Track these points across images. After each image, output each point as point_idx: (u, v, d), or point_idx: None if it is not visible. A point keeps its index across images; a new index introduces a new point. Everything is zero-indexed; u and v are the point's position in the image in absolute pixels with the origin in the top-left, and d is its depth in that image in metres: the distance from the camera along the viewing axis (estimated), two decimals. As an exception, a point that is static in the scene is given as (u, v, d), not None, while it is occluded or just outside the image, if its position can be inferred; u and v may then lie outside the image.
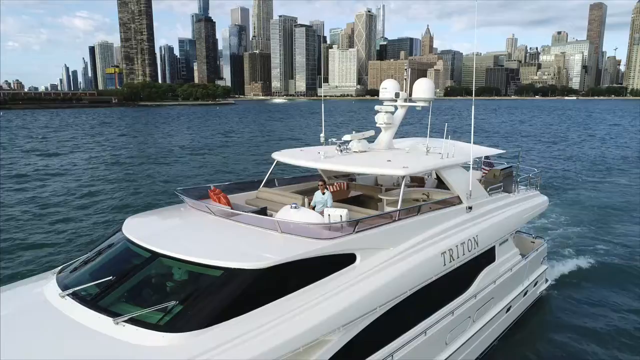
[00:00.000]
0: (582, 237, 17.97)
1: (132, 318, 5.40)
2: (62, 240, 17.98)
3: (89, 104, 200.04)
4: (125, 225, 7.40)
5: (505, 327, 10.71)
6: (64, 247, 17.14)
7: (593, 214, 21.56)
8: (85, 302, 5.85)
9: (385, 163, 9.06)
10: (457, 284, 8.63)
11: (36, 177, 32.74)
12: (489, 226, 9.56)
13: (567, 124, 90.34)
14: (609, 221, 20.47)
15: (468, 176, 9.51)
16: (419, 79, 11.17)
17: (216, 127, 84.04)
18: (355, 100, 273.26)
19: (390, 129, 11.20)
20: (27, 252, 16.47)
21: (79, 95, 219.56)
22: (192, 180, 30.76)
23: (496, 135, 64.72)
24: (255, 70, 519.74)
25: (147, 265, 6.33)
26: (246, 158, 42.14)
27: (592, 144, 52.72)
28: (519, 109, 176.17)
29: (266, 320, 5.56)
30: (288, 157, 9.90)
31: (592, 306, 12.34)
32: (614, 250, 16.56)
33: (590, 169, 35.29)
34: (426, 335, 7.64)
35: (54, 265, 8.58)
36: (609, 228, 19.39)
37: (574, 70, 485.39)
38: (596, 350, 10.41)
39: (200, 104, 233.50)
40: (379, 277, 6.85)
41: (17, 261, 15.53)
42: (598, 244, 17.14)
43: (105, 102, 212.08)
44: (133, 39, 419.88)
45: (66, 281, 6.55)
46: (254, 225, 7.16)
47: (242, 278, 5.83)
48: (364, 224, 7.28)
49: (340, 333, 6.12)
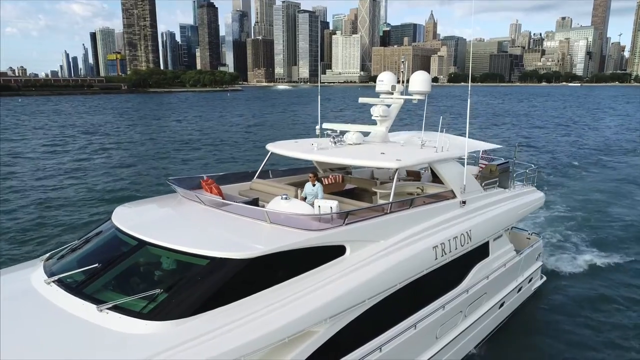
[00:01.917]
0: (579, 230, 17.67)
1: (116, 305, 5.40)
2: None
3: (100, 90, 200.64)
4: (115, 213, 7.45)
5: (498, 323, 10.62)
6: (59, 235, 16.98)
7: (591, 206, 21.20)
8: (70, 289, 5.87)
9: (378, 155, 9.07)
10: (448, 279, 8.60)
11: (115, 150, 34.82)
12: (483, 221, 9.49)
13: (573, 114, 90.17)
14: (608, 213, 20.12)
15: (462, 170, 9.51)
16: (417, 71, 11.17)
17: (244, 113, 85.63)
18: (361, 87, 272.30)
19: (385, 122, 11.14)
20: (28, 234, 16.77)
21: (89, 82, 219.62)
22: (217, 168, 30.66)
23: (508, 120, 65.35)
24: (258, 57, 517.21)
25: (133, 253, 6.35)
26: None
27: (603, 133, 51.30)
28: (522, 94, 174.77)
29: (251, 311, 5.56)
30: (281, 149, 9.89)
31: (588, 301, 12.20)
32: (611, 244, 16.32)
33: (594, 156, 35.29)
34: (416, 329, 7.60)
35: (49, 250, 8.81)
36: (607, 221, 19.07)
37: (578, 57, 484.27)
38: (590, 345, 10.30)
39: (209, 90, 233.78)
40: (368, 270, 6.82)
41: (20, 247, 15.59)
42: (595, 237, 16.92)
43: (115, 88, 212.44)
44: (136, 24, 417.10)
45: (53, 268, 6.59)
46: (243, 215, 7.16)
47: (228, 268, 5.81)
48: (355, 216, 7.29)
49: (327, 325, 6.10)
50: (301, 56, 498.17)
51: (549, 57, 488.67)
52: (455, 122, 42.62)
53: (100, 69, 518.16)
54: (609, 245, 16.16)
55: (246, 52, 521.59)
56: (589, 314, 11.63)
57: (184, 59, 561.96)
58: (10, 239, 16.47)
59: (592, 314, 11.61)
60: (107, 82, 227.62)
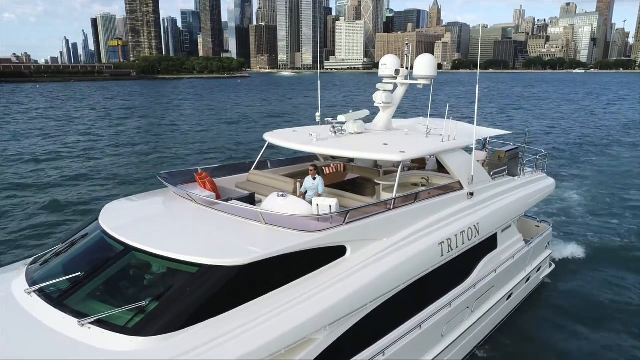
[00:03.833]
0: (589, 216, 17.29)
1: (99, 319, 5.04)
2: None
3: (110, 77, 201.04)
4: (103, 213, 7.06)
5: (505, 315, 10.22)
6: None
7: (603, 190, 20.83)
8: (51, 300, 5.50)
9: (382, 147, 8.56)
10: (455, 274, 8.20)
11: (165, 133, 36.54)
12: (492, 213, 9.05)
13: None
14: (619, 198, 19.77)
15: (470, 160, 9.00)
16: (422, 54, 10.61)
17: (268, 97, 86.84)
18: (367, 74, 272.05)
19: (389, 109, 10.56)
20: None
21: (99, 69, 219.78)
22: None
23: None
24: (261, 43, 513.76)
25: (119, 259, 5.94)
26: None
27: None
28: (527, 81, 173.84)
29: (245, 321, 5.21)
30: (279, 139, 9.44)
31: (598, 290, 11.86)
32: (622, 230, 15.95)
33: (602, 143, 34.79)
34: (421, 329, 7.24)
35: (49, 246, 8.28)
36: (619, 206, 18.74)
37: (583, 43, 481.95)
38: (599, 334, 9.95)
39: (216, 77, 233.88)
40: (370, 271, 6.47)
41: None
42: (606, 223, 16.56)
43: (125, 75, 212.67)
44: (139, 10, 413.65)
45: (34, 275, 6.24)
46: (236, 215, 6.76)
47: (219, 275, 5.43)
48: (356, 214, 6.89)
49: (328, 332, 5.77)
50: (304, 42, 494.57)
51: (553, 44, 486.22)
52: (479, 111, 42.62)
53: (102, 56, 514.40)
54: (621, 231, 15.80)
55: (249, 38, 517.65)
56: (599, 302, 11.27)
57: (185, 46, 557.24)
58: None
59: (602, 303, 11.23)
60: (115, 69, 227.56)
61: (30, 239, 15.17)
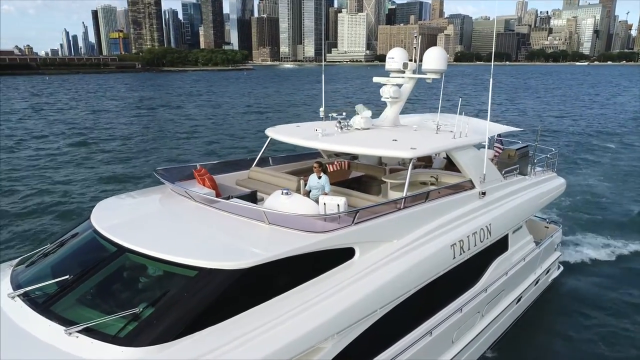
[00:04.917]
0: (596, 214, 16.87)
1: (88, 327, 4.69)
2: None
3: (116, 69, 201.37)
4: (95, 211, 6.68)
5: (514, 319, 10.02)
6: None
7: (612, 186, 20.34)
8: (36, 306, 5.15)
9: (391, 143, 8.20)
10: (466, 278, 7.93)
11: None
12: (503, 213, 8.78)
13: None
14: (629, 197, 19.23)
15: (482, 157, 8.71)
16: (431, 47, 10.20)
17: (280, 89, 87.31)
18: (370, 67, 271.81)
19: (396, 104, 10.18)
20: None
21: (104, 61, 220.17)
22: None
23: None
24: (262, 35, 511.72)
25: (111, 261, 5.57)
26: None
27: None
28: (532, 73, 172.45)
29: (247, 330, 4.89)
30: (282, 135, 9.04)
31: (607, 292, 11.71)
32: (632, 229, 15.60)
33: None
34: (431, 335, 6.99)
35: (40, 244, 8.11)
36: (627, 205, 18.26)
37: (585, 35, 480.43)
38: (608, 339, 9.79)
39: (221, 69, 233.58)
40: (380, 274, 6.17)
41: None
42: (615, 222, 16.23)
43: (130, 67, 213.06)
44: (140, 2, 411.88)
45: (20, 278, 5.87)
46: (238, 214, 6.41)
47: (220, 280, 5.12)
48: (365, 214, 6.54)
49: (335, 340, 5.47)
50: (306, 35, 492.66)
51: (556, 36, 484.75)
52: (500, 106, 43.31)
53: (103, 48, 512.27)
54: (630, 231, 15.44)
55: (251, 30, 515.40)
56: (608, 305, 11.14)
57: (186, 38, 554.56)
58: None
59: (611, 306, 11.09)
60: (120, 61, 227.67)
61: (16, 239, 14.31)
